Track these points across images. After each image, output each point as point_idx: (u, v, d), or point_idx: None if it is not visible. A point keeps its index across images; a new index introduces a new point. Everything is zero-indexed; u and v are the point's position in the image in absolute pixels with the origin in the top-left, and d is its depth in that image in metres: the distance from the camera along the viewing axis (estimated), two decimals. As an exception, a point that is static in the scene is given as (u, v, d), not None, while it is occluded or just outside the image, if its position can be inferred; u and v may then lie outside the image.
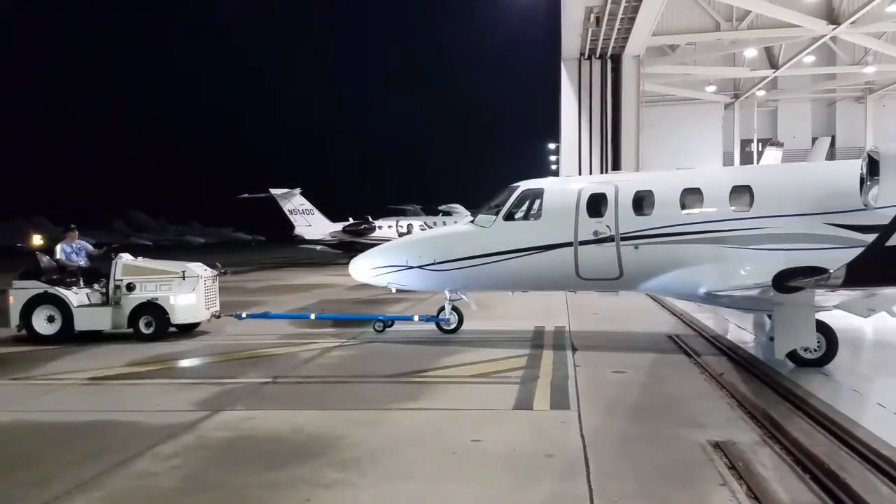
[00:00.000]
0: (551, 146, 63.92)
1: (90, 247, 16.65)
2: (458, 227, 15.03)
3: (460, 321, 15.41)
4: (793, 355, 10.70)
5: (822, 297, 9.93)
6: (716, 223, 12.33)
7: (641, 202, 12.99)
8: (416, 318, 15.77)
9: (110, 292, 15.37)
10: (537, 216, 13.58)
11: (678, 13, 36.58)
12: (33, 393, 10.71)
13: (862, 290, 9.40)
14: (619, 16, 32.03)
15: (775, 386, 9.68)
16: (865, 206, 11.07)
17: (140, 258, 16.36)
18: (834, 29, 33.86)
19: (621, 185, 13.36)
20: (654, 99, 45.46)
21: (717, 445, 7.27)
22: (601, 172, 36.52)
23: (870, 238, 10.18)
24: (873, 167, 10.88)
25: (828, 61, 43.66)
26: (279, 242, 74.85)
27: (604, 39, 35.30)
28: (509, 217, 13.68)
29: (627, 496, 6.12)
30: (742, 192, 12.48)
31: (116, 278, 15.36)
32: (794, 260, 10.79)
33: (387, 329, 15.81)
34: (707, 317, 17.62)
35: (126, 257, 15.87)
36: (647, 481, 6.44)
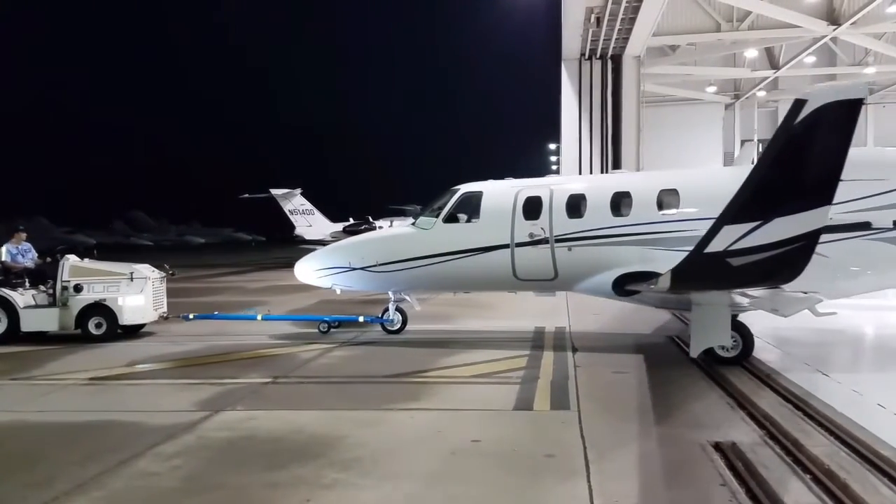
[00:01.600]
0: (552, 146, 63.94)
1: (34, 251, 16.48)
2: (400, 229, 15.16)
3: (404, 322, 15.66)
4: (711, 353, 11.10)
5: (738, 297, 10.29)
6: (644, 225, 12.62)
7: (575, 205, 13.23)
8: (361, 318, 15.91)
9: (57, 294, 15.33)
10: (476, 218, 13.86)
11: (679, 14, 36.55)
12: (34, 393, 10.72)
13: (767, 290, 9.55)
14: (620, 16, 32.02)
15: (775, 386, 9.69)
16: None
17: (87, 260, 16.35)
18: (834, 29, 33.83)
19: (556, 188, 13.62)
20: (654, 99, 45.44)
21: (717, 446, 7.28)
22: (602, 173, 36.55)
23: None
24: None
25: (828, 62, 43.61)
26: (280, 243, 74.83)
27: (604, 40, 35.28)
28: (449, 219, 13.93)
29: (627, 496, 6.12)
30: (669, 196, 12.79)
31: (64, 279, 15.35)
32: None
33: (332, 330, 15.86)
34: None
35: (73, 259, 15.85)
36: (647, 481, 6.44)
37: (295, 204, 48.03)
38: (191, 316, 16.64)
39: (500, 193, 13.88)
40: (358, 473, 6.79)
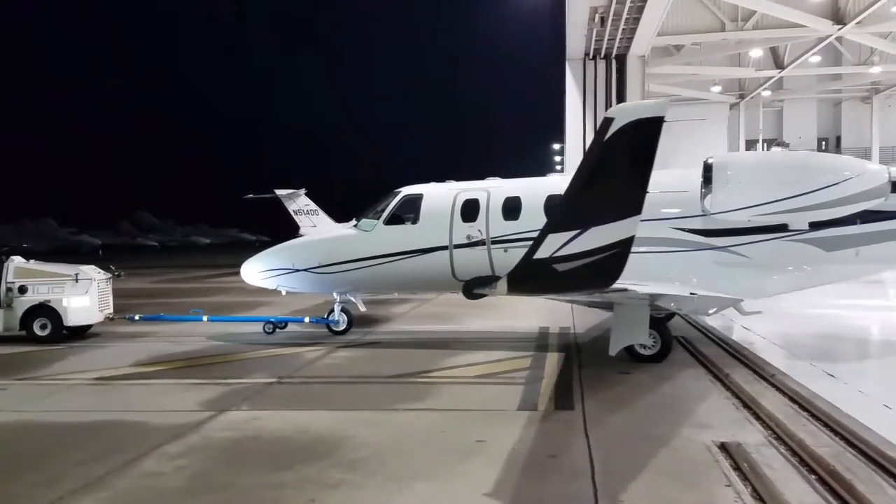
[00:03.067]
0: (556, 146, 63.89)
1: None
2: (342, 230, 15.25)
3: (350, 323, 15.75)
4: (632, 351, 11.55)
5: (662, 301, 10.86)
6: None
7: (510, 208, 13.43)
8: (306, 319, 15.93)
9: (1, 295, 15.34)
10: (416, 221, 14.01)
11: (683, 13, 36.47)
12: (40, 393, 10.76)
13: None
14: (624, 16, 31.96)
15: (781, 387, 9.67)
16: (704, 212, 11.75)
17: (32, 261, 16.34)
18: (840, 29, 33.73)
19: (493, 191, 13.80)
20: (659, 99, 45.35)
21: (722, 446, 7.27)
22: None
23: (709, 241, 11.66)
24: (708, 176, 11.56)
25: (833, 61, 43.49)
26: (284, 243, 74.82)
27: (608, 39, 35.22)
28: (390, 221, 14.09)
29: (632, 497, 6.12)
30: None
31: (8, 281, 15.38)
32: (643, 262, 11.60)
33: (277, 330, 15.86)
34: (713, 318, 17.60)
35: (18, 260, 15.86)
36: (652, 482, 6.43)
37: (299, 204, 47.99)
38: (136, 317, 16.59)
39: (439, 196, 14.11)
40: (363, 474, 6.80)
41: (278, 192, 48.64)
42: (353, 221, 14.76)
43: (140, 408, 9.60)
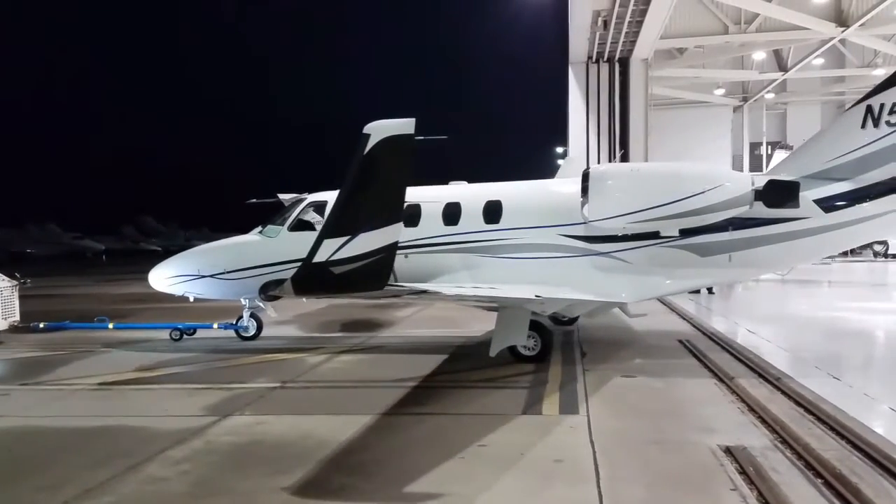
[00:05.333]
0: (559, 150, 63.83)
1: None
2: (248, 237, 15.27)
3: (259, 328, 15.80)
4: (515, 352, 12.14)
5: (541, 306, 11.52)
6: (471, 234, 13.33)
7: (410, 215, 13.51)
8: (215, 325, 15.90)
9: None
10: (320, 227, 13.86)
11: (686, 16, 36.46)
12: (43, 398, 10.76)
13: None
14: (627, 19, 31.99)
15: (786, 390, 9.63)
16: (584, 219, 12.38)
17: None
18: (843, 31, 33.72)
19: None
20: (662, 102, 45.33)
21: (727, 450, 7.24)
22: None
23: (591, 247, 12.40)
24: (585, 186, 12.19)
25: (837, 64, 43.48)
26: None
27: (611, 43, 35.25)
28: (295, 228, 14.17)
29: (637, 501, 6.10)
30: (494, 207, 13.38)
31: None
32: (534, 267, 12.70)
33: (185, 337, 15.79)
34: (718, 320, 17.56)
35: None
36: (657, 486, 6.41)
37: (303, 208, 48.04)
38: (41, 325, 16.47)
39: None
40: (364, 478, 6.78)
41: (281, 196, 48.61)
42: (259, 228, 14.74)
43: (143, 413, 9.59)
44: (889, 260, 44.90)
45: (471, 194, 14.06)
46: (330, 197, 14.41)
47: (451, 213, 13.52)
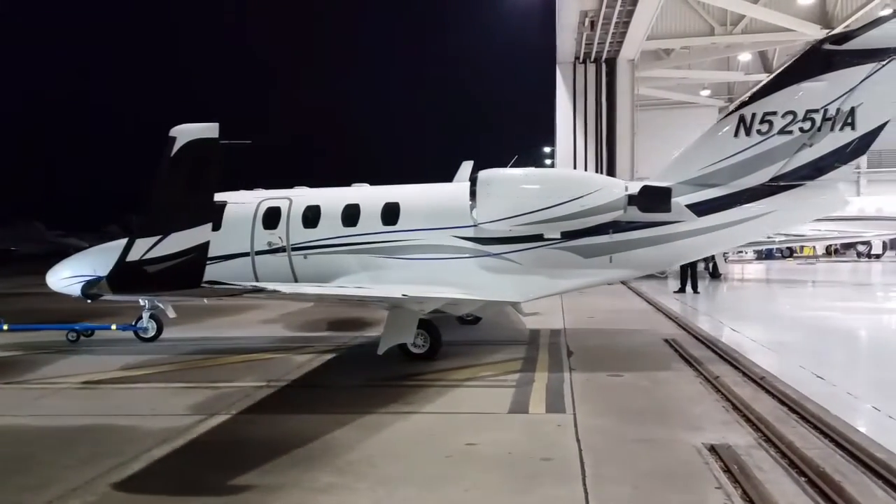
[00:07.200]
0: (547, 149, 63.96)
1: None
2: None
3: (159, 329, 15.78)
4: (405, 350, 12.49)
5: (420, 305, 11.86)
6: (369, 235, 13.62)
7: (310, 216, 13.84)
8: (113, 326, 15.85)
9: None
10: (218, 227, 13.99)
11: (673, 17, 36.70)
12: (28, 397, 10.68)
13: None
14: (614, 20, 32.15)
15: (770, 389, 9.71)
16: (473, 222, 12.90)
17: None
18: (828, 33, 33.99)
19: (295, 199, 14.25)
20: (648, 102, 45.58)
21: (712, 449, 7.28)
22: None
23: (481, 248, 12.90)
24: (473, 190, 12.80)
25: (822, 65, 43.76)
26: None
27: (598, 43, 35.41)
28: None
29: (623, 500, 6.13)
30: (391, 209, 13.71)
31: None
32: (429, 267, 13.09)
33: (82, 338, 15.66)
34: (703, 320, 17.68)
35: None
36: (642, 485, 6.44)
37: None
38: None
39: (242, 204, 14.41)
40: (352, 477, 6.77)
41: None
42: None
43: (129, 412, 9.53)
44: (872, 260, 45.39)
45: (370, 196, 14.34)
46: (229, 198, 14.65)
47: (350, 215, 13.77)
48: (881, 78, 11.60)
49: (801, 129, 12.01)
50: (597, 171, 36.92)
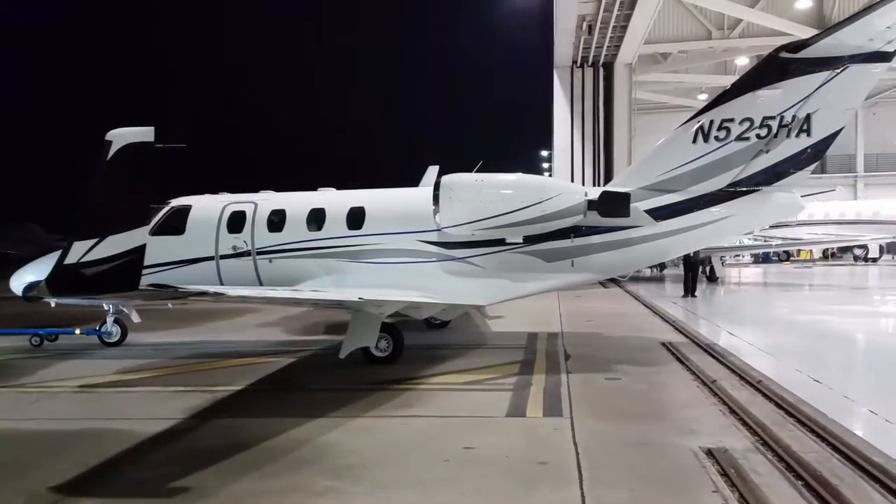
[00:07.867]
0: (544, 153, 64.11)
1: None
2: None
3: (124, 334, 15.76)
4: (368, 354, 12.58)
5: (379, 308, 11.90)
6: (335, 239, 13.65)
7: (275, 220, 13.89)
8: (77, 331, 15.80)
9: None
10: (182, 232, 14.18)
11: (670, 22, 36.82)
12: (25, 401, 10.66)
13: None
14: (612, 24, 32.22)
15: (767, 393, 9.71)
16: (437, 227, 12.95)
17: None
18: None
19: (261, 203, 14.28)
20: (646, 106, 45.67)
21: (709, 452, 7.29)
22: (593, 179, 36.68)
23: (445, 252, 12.97)
24: (436, 194, 12.73)
25: (818, 69, 43.87)
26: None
27: (596, 47, 35.47)
28: (157, 232, 14.02)
29: (620, 503, 6.13)
30: (357, 213, 13.77)
31: None
32: (394, 271, 13.15)
33: (46, 343, 15.60)
34: (700, 324, 17.70)
35: None
36: (639, 488, 6.45)
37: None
38: None
39: (207, 208, 14.41)
40: (350, 481, 6.77)
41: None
42: None
43: (125, 415, 9.52)
44: (869, 264, 45.47)
45: (335, 200, 14.36)
46: (194, 201, 14.68)
47: (316, 219, 13.81)
48: (835, 86, 11.74)
49: (758, 136, 12.15)
50: (594, 175, 37.00)
